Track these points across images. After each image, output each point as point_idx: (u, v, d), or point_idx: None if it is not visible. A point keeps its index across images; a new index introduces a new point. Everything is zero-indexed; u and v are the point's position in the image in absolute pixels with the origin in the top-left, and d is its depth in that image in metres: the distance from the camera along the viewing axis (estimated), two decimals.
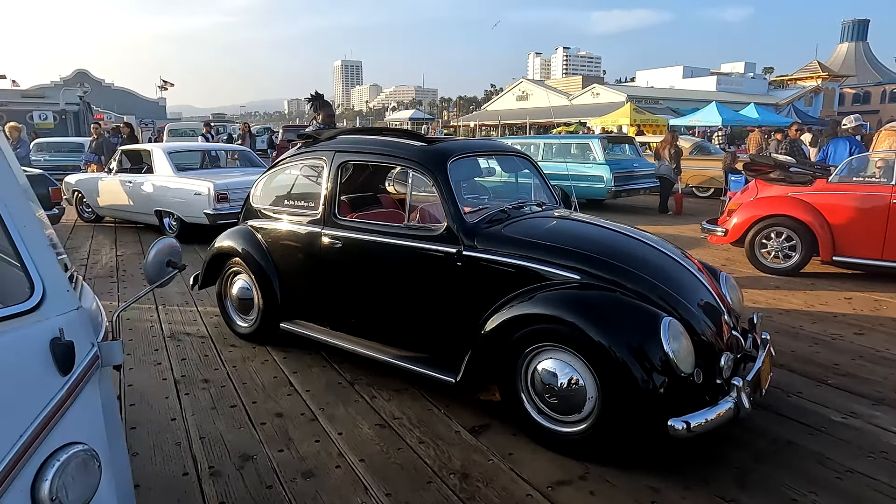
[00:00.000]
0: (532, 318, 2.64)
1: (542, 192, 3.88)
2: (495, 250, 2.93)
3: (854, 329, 4.36)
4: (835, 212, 5.80)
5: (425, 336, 3.20)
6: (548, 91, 52.67)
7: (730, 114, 27.58)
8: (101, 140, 11.65)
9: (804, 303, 5.08)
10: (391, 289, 3.28)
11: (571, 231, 3.15)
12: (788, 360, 3.75)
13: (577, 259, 2.80)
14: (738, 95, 45.58)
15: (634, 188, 11.15)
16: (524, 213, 3.31)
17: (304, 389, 3.35)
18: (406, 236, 3.17)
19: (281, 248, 3.79)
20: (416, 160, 3.17)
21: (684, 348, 2.46)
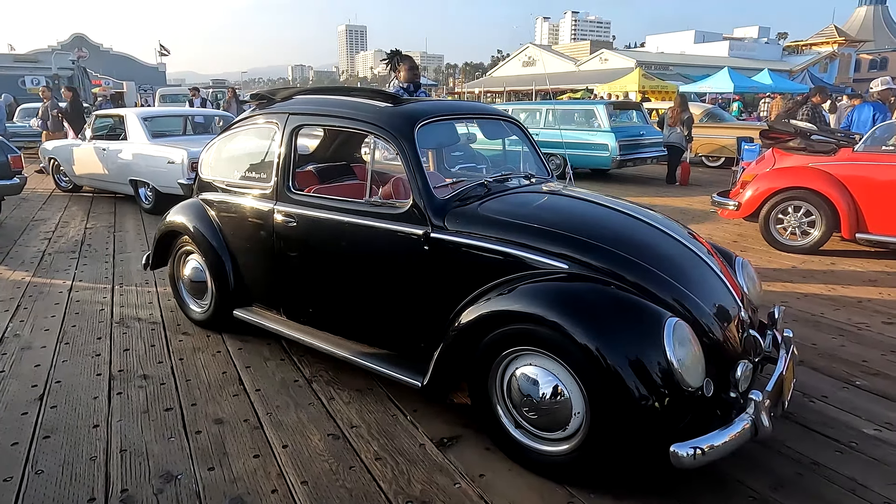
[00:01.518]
0: (506, 316, 2.18)
1: (531, 162, 3.38)
2: (468, 232, 2.46)
3: (882, 317, 3.89)
4: (860, 184, 5.27)
5: (390, 331, 2.76)
6: (542, 55, 51.23)
7: (742, 80, 26.62)
8: (48, 105, 10.89)
9: (825, 286, 4.60)
10: (351, 275, 2.83)
11: (561, 209, 2.66)
12: (811, 355, 3.29)
13: (566, 243, 2.33)
14: (751, 61, 44.14)
15: (641, 157, 10.57)
16: (507, 188, 2.82)
17: (254, 389, 2.93)
18: (367, 214, 2.70)
19: (233, 226, 3.33)
20: (377, 123, 2.68)
21: (692, 356, 2.00)
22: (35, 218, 7.23)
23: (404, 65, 4.76)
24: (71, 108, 10.85)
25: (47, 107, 10.87)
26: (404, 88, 4.72)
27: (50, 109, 10.83)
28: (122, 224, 6.88)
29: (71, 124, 10.69)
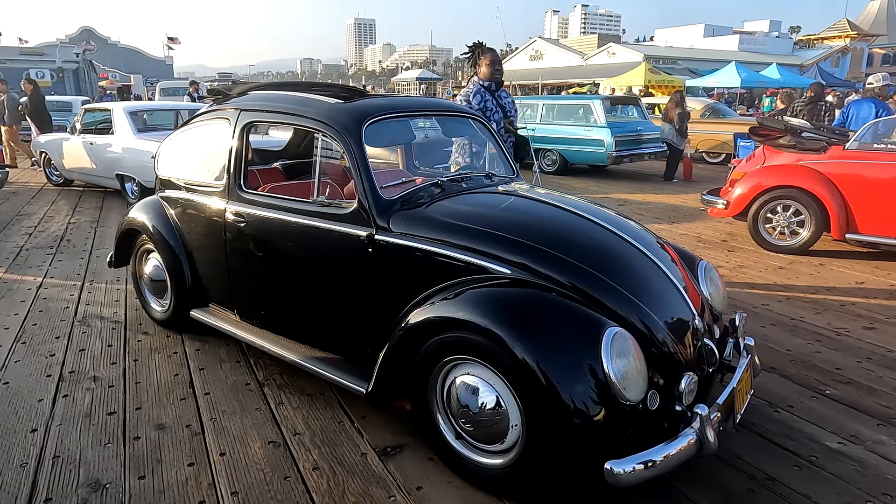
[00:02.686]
0: (442, 323, 2.09)
1: (495, 161, 3.28)
2: (413, 234, 2.37)
3: (864, 322, 3.76)
4: (850, 183, 5.13)
5: (337, 334, 2.67)
6: (537, 51, 50.84)
7: (750, 74, 26.28)
8: (5, 98, 10.72)
9: (809, 287, 4.47)
10: (299, 277, 2.75)
11: (512, 211, 2.55)
12: (783, 361, 3.18)
13: (511, 247, 2.23)
14: (760, 55, 43.55)
15: (638, 153, 10.42)
16: (462, 189, 2.73)
17: (203, 392, 2.86)
18: (314, 215, 2.61)
19: (189, 225, 3.26)
20: (324, 120, 2.58)
21: (632, 369, 1.90)
22: (21, 212, 7.21)
23: (485, 59, 4.21)
24: (31, 102, 10.61)
25: (3, 100, 10.72)
26: (484, 87, 4.16)
27: (7, 103, 10.67)
28: (106, 219, 6.84)
29: (32, 119, 10.53)
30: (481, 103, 4.17)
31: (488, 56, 4.22)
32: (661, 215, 7.26)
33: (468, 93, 4.20)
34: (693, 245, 5.78)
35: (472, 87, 4.22)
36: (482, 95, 4.18)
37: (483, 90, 4.18)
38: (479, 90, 4.18)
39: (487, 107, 4.19)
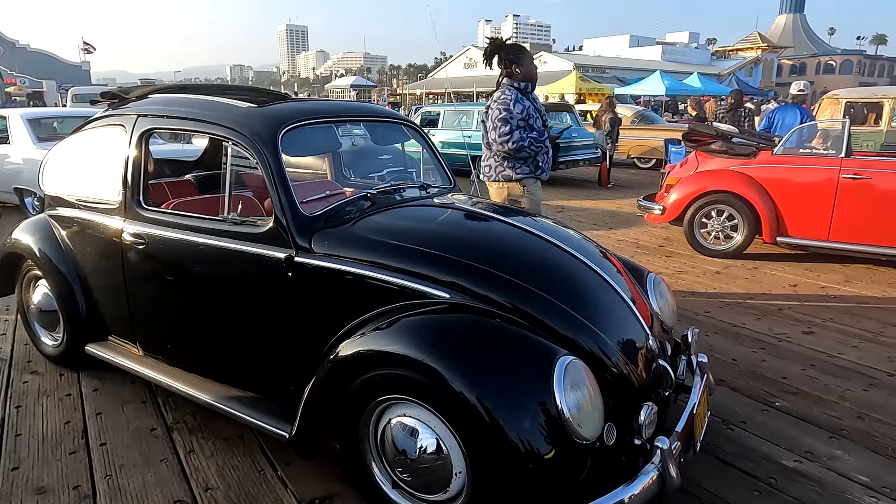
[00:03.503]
0: (373, 358, 1.83)
1: (430, 171, 3.05)
2: (338, 255, 2.09)
3: (802, 326, 3.77)
4: (778, 187, 5.23)
5: (255, 371, 2.35)
6: (471, 59, 51.47)
7: (673, 83, 27.39)
8: None
9: (747, 292, 4.48)
10: (209, 306, 2.41)
11: (452, 227, 2.32)
12: (731, 373, 3.10)
13: (449, 268, 2.00)
14: (682, 65, 45.71)
15: (573, 159, 10.47)
16: (394, 202, 2.47)
17: (98, 443, 2.46)
18: (224, 234, 2.28)
19: (81, 247, 2.84)
20: (234, 127, 2.27)
21: (588, 402, 1.70)
22: None
23: (526, 57, 3.70)
24: None
25: None
26: (520, 89, 3.66)
27: None
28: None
29: None
30: (524, 112, 3.63)
31: (528, 53, 3.76)
32: (598, 221, 7.25)
33: (507, 100, 3.60)
34: (632, 251, 5.75)
35: (510, 94, 3.62)
36: (522, 103, 3.69)
37: (519, 94, 3.67)
38: (516, 96, 3.64)
39: (530, 114, 3.72)
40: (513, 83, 3.69)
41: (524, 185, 3.79)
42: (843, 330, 3.71)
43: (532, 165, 3.78)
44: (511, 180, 3.79)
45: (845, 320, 3.88)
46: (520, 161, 3.74)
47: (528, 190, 3.81)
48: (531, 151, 3.68)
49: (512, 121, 3.61)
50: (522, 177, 3.77)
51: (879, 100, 9.11)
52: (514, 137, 3.59)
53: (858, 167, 4.91)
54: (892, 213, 4.79)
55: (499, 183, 3.85)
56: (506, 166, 3.80)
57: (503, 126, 3.60)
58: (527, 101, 3.74)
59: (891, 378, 3.05)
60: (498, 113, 3.63)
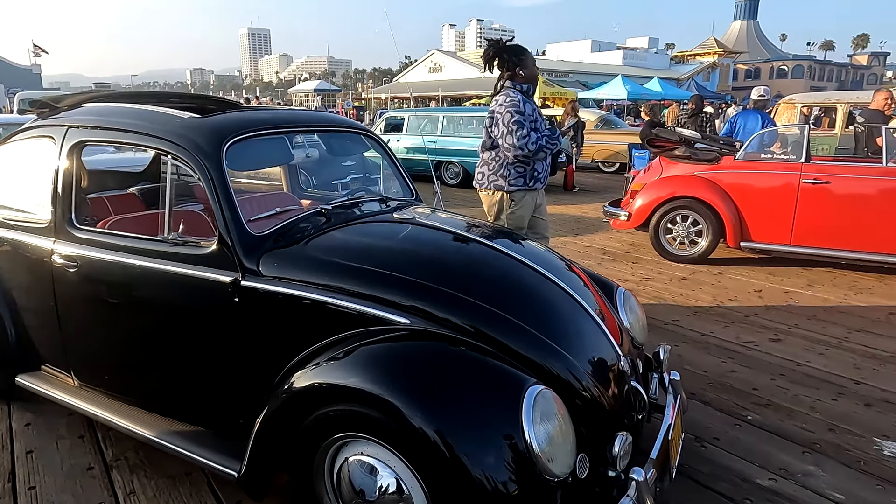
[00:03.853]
0: (328, 391, 1.68)
1: (392, 182, 2.91)
2: (289, 279, 1.93)
3: (769, 334, 3.75)
4: (741, 192, 5.26)
5: (201, 403, 2.18)
6: (436, 64, 51.72)
7: (634, 87, 27.88)
8: None
9: (713, 298, 4.47)
10: (150, 334, 2.21)
11: (413, 245, 2.18)
12: (701, 384, 3.04)
13: (410, 291, 1.86)
14: (643, 70, 46.61)
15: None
16: (351, 217, 2.32)
17: (27, 486, 2.24)
18: (164, 256, 2.10)
19: (8, 269, 2.61)
20: (173, 140, 2.09)
21: (559, 434, 1.58)
22: None
23: (528, 58, 3.60)
24: None
25: None
26: (523, 92, 3.57)
27: None
28: None
29: None
30: (532, 114, 3.56)
31: (530, 55, 3.66)
32: (565, 227, 7.21)
33: (516, 102, 3.49)
34: (598, 258, 5.71)
35: (517, 96, 3.52)
36: (530, 105, 3.60)
37: (521, 95, 3.56)
38: (522, 98, 3.54)
39: (536, 117, 3.62)
40: (515, 85, 3.58)
41: (513, 198, 3.68)
42: (809, 336, 3.71)
43: (528, 175, 3.66)
44: (501, 190, 3.68)
45: (811, 326, 3.88)
46: (517, 170, 3.62)
47: (515, 203, 3.69)
48: (548, 151, 3.60)
49: (526, 123, 3.50)
50: (514, 189, 3.66)
51: (833, 104, 9.36)
52: (531, 139, 3.48)
53: (818, 172, 4.97)
54: (850, 217, 4.86)
55: (489, 191, 3.76)
56: (499, 176, 3.67)
57: (519, 129, 3.47)
58: (530, 103, 3.66)
59: (858, 386, 3.04)
60: (510, 116, 3.50)
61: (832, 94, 12.26)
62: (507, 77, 3.60)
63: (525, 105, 3.55)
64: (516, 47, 3.64)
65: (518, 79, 3.57)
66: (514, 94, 3.54)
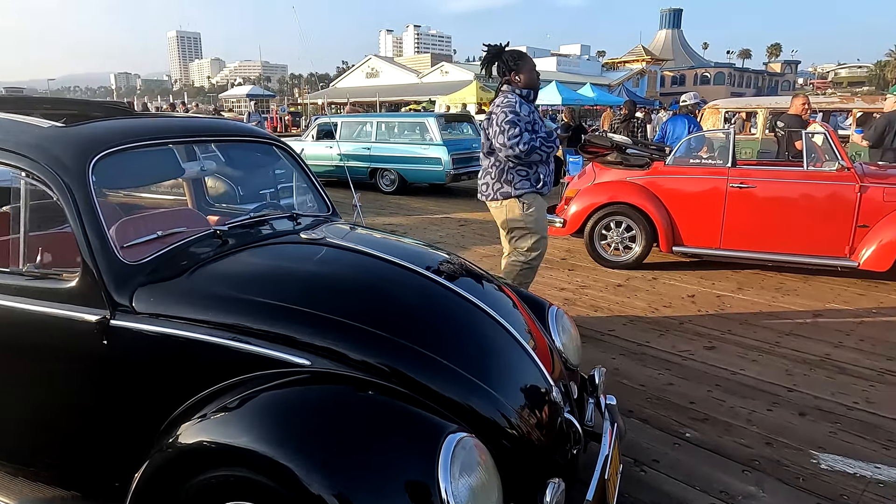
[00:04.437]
0: (211, 453, 1.41)
1: (303, 197, 2.65)
2: (169, 316, 1.65)
3: (704, 341, 3.71)
4: (672, 197, 5.28)
5: (71, 464, 1.85)
6: (373, 69, 51.59)
7: (569, 93, 28.48)
8: None
9: (648, 305, 4.43)
10: (9, 385, 1.87)
11: (319, 271, 1.93)
12: (639, 400, 2.93)
13: (311, 327, 1.61)
14: (576, 76, 47.82)
15: (476, 170, 10.33)
16: (251, 239, 2.05)
17: None
18: (19, 292, 1.76)
19: None
20: (26, 154, 1.76)
21: (482, 488, 1.38)
22: None
23: (526, 63, 3.50)
24: None
25: None
26: (522, 97, 3.47)
27: None
28: None
29: None
30: (529, 115, 3.45)
31: (530, 60, 3.55)
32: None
33: (513, 103, 3.40)
34: None
35: (514, 98, 3.43)
36: (528, 106, 3.47)
37: (522, 100, 3.47)
38: (520, 101, 3.45)
39: (535, 119, 3.49)
40: (514, 89, 3.49)
41: (524, 201, 3.51)
42: (742, 342, 3.70)
43: (533, 179, 3.50)
44: (510, 197, 3.50)
45: (743, 332, 3.88)
46: (520, 174, 3.47)
47: (528, 206, 3.53)
48: (542, 153, 3.43)
49: (520, 123, 3.35)
50: (523, 192, 3.49)
51: (754, 109, 9.72)
52: (524, 139, 3.33)
53: (744, 176, 5.04)
54: (774, 220, 4.95)
55: (497, 202, 3.56)
56: (503, 182, 3.50)
57: (511, 129, 3.32)
58: (532, 108, 3.51)
59: (791, 394, 3.01)
60: (504, 116, 3.36)
61: (752, 99, 12.80)
62: (504, 82, 3.52)
63: (522, 107, 3.43)
64: (514, 52, 3.57)
65: (515, 84, 3.49)
66: (511, 97, 3.45)
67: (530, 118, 3.45)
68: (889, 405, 2.87)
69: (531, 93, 3.54)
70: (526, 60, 3.53)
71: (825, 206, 4.83)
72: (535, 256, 3.66)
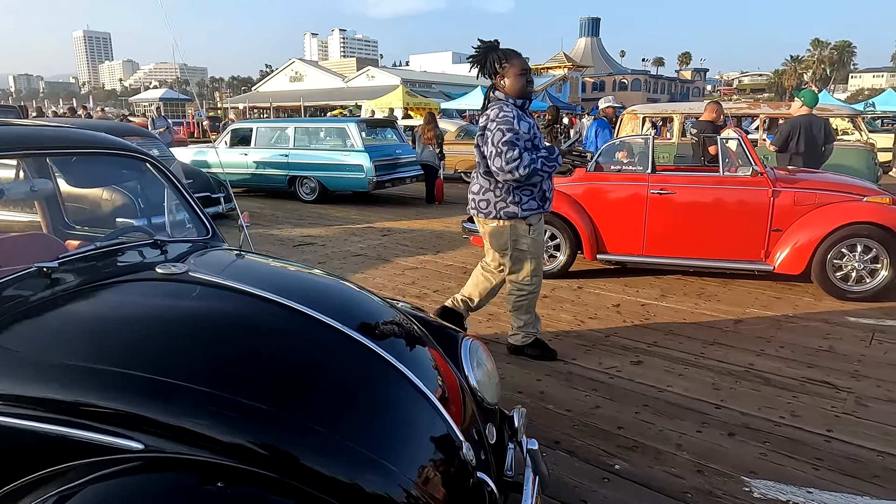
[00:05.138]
0: None
1: (178, 218, 2.26)
2: None
3: (630, 356, 3.58)
4: (594, 204, 5.19)
5: None
6: (297, 73, 50.59)
7: None
8: None
9: (574, 318, 4.28)
10: None
11: (163, 318, 1.55)
12: (565, 429, 2.72)
13: (147, 400, 1.26)
14: None
15: (400, 177, 10.07)
16: (88, 278, 1.65)
17: None
18: None
19: None
20: None
21: None
22: None
23: (513, 67, 3.07)
24: None
25: None
26: (518, 106, 3.10)
27: None
28: None
29: None
30: (529, 131, 3.09)
31: (518, 62, 3.09)
32: (425, 244, 6.84)
33: (510, 118, 3.00)
34: (459, 277, 5.37)
35: (511, 111, 3.03)
36: (527, 121, 3.10)
37: (519, 111, 3.09)
38: (518, 114, 3.07)
39: (536, 134, 3.12)
40: (510, 99, 3.10)
41: (530, 223, 3.20)
42: (668, 355, 3.59)
43: (539, 197, 3.17)
44: (516, 218, 3.15)
45: (668, 343, 3.78)
46: (525, 193, 3.14)
47: (534, 229, 3.23)
48: (544, 174, 3.09)
49: (519, 143, 2.99)
50: (529, 213, 3.16)
51: (670, 114, 9.97)
52: (524, 161, 2.97)
53: (663, 182, 5.02)
54: (694, 225, 4.94)
55: (499, 221, 3.18)
56: (509, 202, 3.13)
57: (510, 150, 2.96)
58: (528, 118, 3.14)
59: (719, 411, 2.89)
60: (501, 135, 2.98)
61: (668, 105, 13.24)
62: (494, 87, 3.15)
63: (521, 122, 3.06)
64: (503, 52, 3.13)
65: (506, 91, 3.11)
66: (508, 109, 3.06)
67: (529, 133, 3.08)
68: (812, 418, 2.80)
69: (525, 102, 3.16)
70: (514, 63, 3.09)
71: (741, 210, 4.86)
72: (538, 282, 3.41)
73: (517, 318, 3.52)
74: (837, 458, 2.47)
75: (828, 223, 4.60)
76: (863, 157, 8.49)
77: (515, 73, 3.08)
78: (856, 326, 4.06)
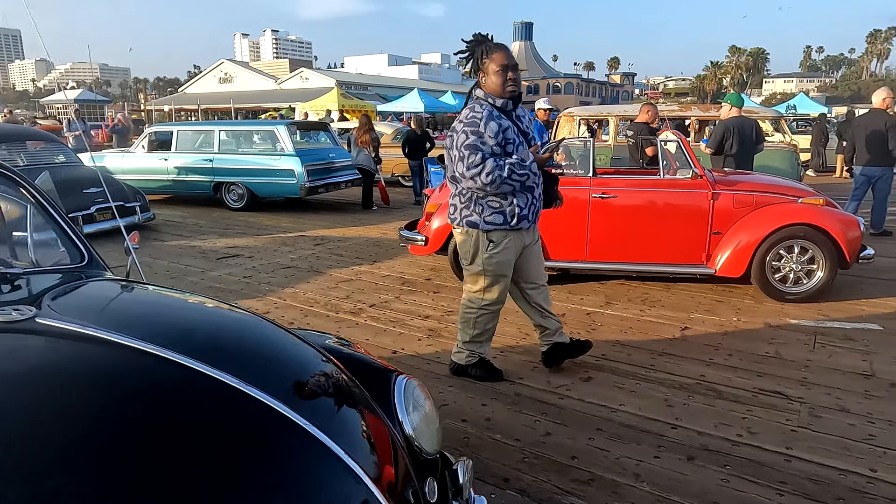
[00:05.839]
0: None
1: (45, 243, 1.84)
2: None
3: (580, 372, 3.38)
4: None
5: None
6: (226, 74, 49.00)
7: (430, 100, 28.60)
8: None
9: (519, 331, 4.05)
10: None
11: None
12: (514, 463, 2.46)
13: None
14: (437, 84, 48.54)
15: (334, 182, 9.63)
16: None
17: None
18: None
19: None
20: None
21: None
22: None
23: (492, 62, 2.76)
24: None
25: None
26: (497, 107, 2.80)
27: None
28: None
29: None
30: (499, 134, 2.76)
31: (498, 57, 2.78)
32: (361, 253, 6.48)
33: (476, 120, 2.74)
34: (397, 289, 5.06)
35: (482, 111, 2.77)
36: (498, 122, 2.75)
37: (495, 112, 2.80)
38: (491, 113, 2.78)
39: (508, 137, 2.77)
40: (488, 97, 2.83)
41: (491, 238, 2.87)
42: (617, 369, 3.42)
43: (508, 212, 2.83)
44: (476, 228, 2.86)
45: (616, 355, 3.62)
46: (492, 205, 2.83)
47: (494, 246, 2.90)
48: (513, 184, 2.75)
49: (483, 147, 2.70)
50: (492, 228, 2.85)
51: (605, 116, 10.02)
52: (486, 168, 2.67)
53: (605, 186, 4.89)
54: (636, 229, 4.84)
55: (462, 229, 2.92)
56: (472, 210, 2.85)
57: (472, 155, 2.69)
58: (505, 121, 2.79)
59: (675, 431, 2.72)
60: (464, 138, 2.72)
61: (602, 107, 13.40)
62: (476, 84, 2.89)
63: (489, 124, 2.75)
64: (490, 46, 2.84)
65: (486, 88, 2.84)
66: (479, 109, 2.80)
67: (499, 138, 2.77)
68: (769, 434, 2.67)
69: (507, 102, 2.84)
70: (493, 57, 2.79)
71: (681, 214, 4.80)
72: (494, 301, 3.12)
73: (463, 332, 3.25)
74: (800, 480, 2.33)
75: (766, 225, 4.59)
76: (787, 158, 8.80)
77: (494, 69, 2.80)
78: (798, 329, 4.03)
